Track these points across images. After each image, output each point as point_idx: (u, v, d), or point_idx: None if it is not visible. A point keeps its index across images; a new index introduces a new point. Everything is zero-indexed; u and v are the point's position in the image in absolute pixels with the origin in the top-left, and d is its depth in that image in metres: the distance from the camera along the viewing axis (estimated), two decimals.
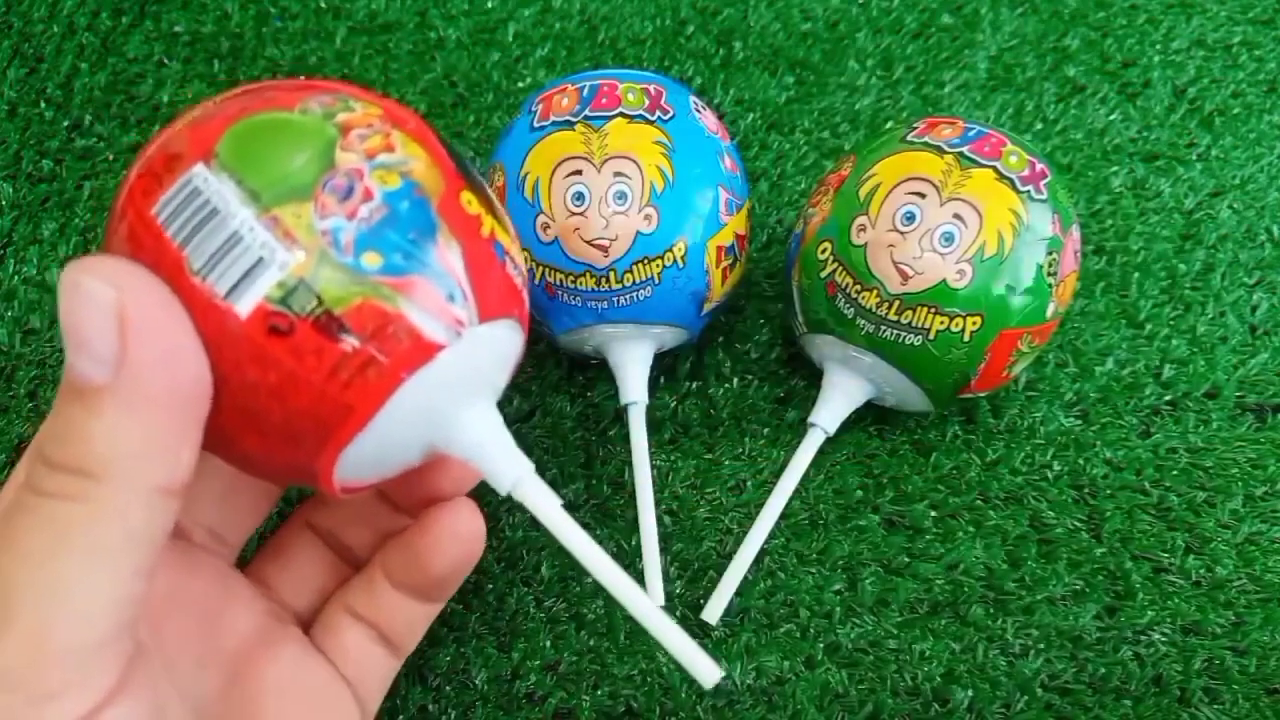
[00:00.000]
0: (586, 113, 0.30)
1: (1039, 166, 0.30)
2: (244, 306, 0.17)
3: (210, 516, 0.25)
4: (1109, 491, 0.34)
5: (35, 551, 0.16)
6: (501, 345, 0.21)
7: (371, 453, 0.19)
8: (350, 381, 0.18)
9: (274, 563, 0.26)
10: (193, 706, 0.21)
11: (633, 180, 0.30)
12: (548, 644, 0.31)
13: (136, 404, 0.16)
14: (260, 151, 0.18)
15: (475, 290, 0.19)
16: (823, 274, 0.31)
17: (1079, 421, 0.36)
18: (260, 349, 0.17)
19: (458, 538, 0.24)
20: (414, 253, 0.18)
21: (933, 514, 0.34)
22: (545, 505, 0.21)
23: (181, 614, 0.22)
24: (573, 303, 0.31)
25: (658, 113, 0.31)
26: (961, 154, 0.30)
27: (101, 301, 0.16)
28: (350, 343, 0.17)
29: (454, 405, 0.20)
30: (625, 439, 0.33)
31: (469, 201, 0.20)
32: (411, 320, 0.18)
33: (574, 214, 0.30)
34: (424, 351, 0.18)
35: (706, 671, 0.20)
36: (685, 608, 0.32)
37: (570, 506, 0.25)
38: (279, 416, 0.18)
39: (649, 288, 0.30)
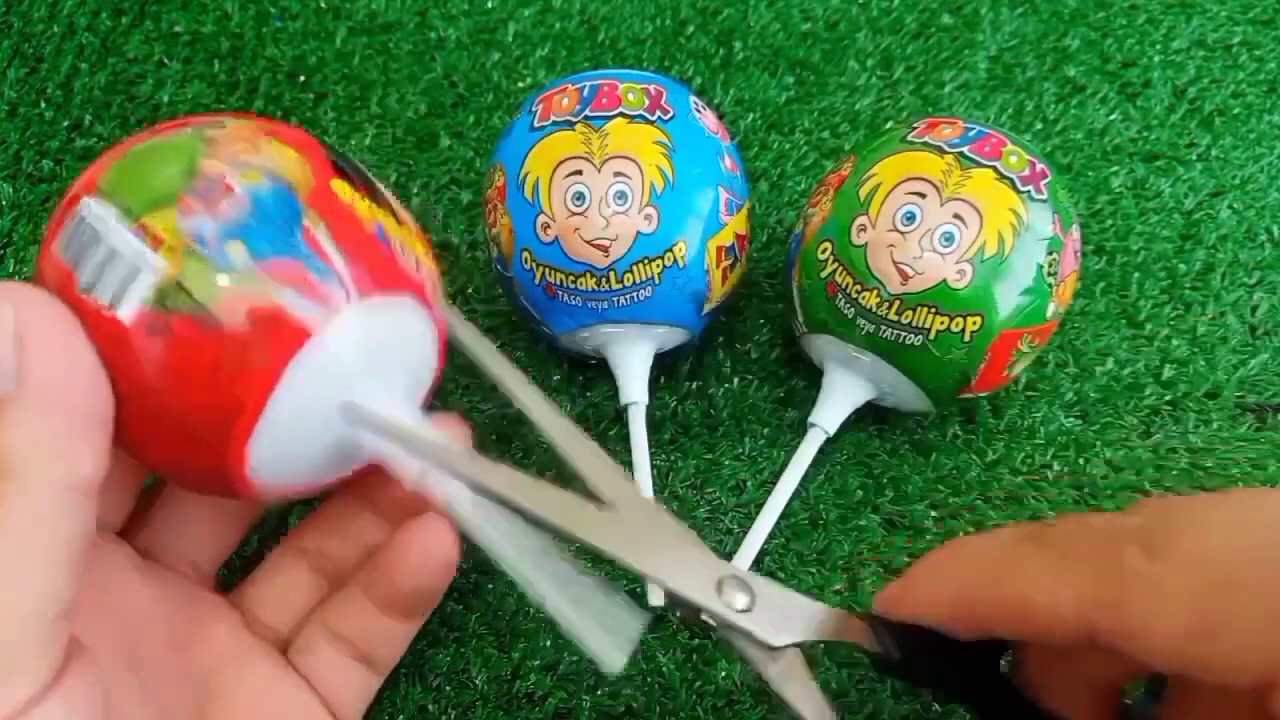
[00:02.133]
0: (587, 113, 0.30)
1: (1039, 166, 0.30)
2: (125, 313, 0.18)
3: (180, 541, 0.26)
4: (1109, 491, 0.34)
5: None
6: (395, 324, 0.20)
7: (279, 446, 0.20)
8: (235, 373, 0.18)
9: (257, 585, 0.27)
10: None
11: (633, 180, 0.30)
12: (548, 644, 0.31)
13: (37, 409, 0.18)
14: (133, 173, 0.19)
15: (349, 268, 0.19)
16: (823, 274, 0.31)
17: (1079, 421, 0.36)
18: (145, 352, 0.18)
19: (428, 555, 0.24)
20: (279, 238, 0.19)
21: (933, 514, 0.34)
22: (453, 499, 0.20)
23: (152, 634, 0.23)
24: (573, 303, 0.31)
25: (658, 113, 0.31)
26: (962, 154, 0.30)
27: (1, 320, 0.18)
28: (227, 333, 0.18)
29: (352, 387, 0.20)
30: (625, 439, 0.33)
31: (341, 189, 0.20)
32: (282, 301, 0.18)
33: (574, 214, 0.30)
34: (299, 331, 0.19)
35: (608, 656, 0.20)
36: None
37: None
38: (177, 417, 0.19)
39: (649, 288, 0.30)
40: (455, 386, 0.35)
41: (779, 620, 0.20)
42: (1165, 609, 0.16)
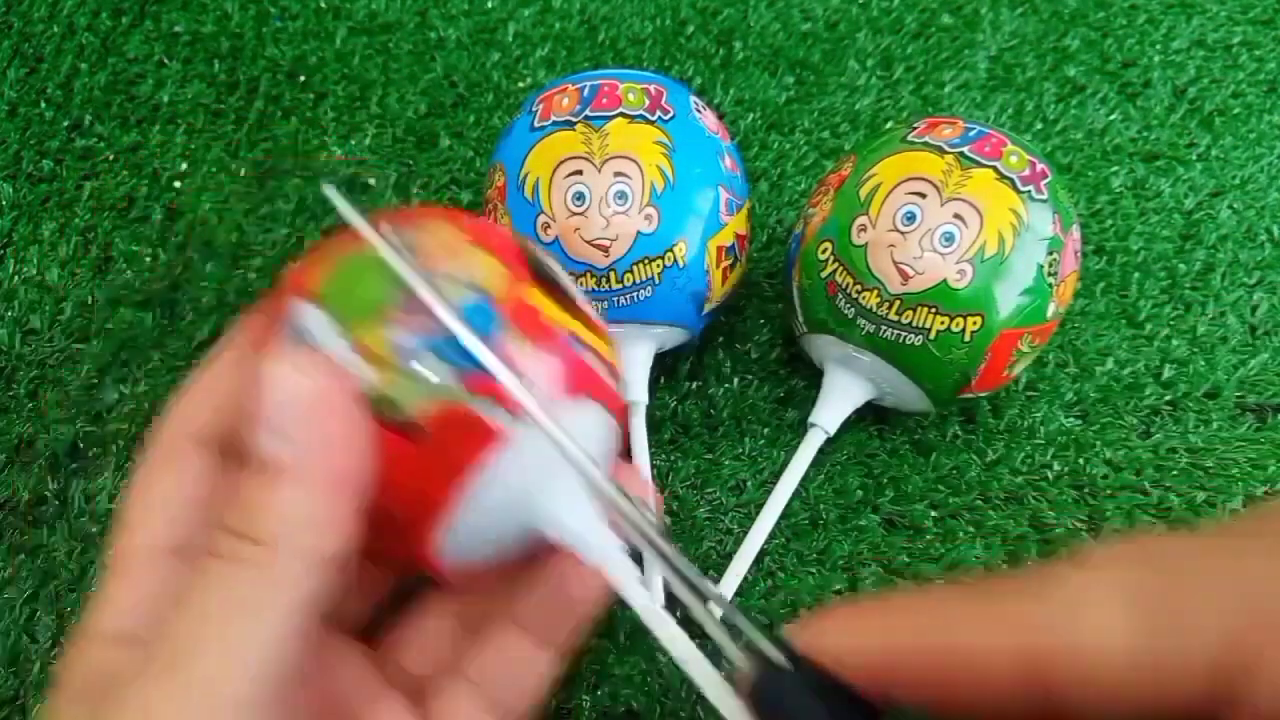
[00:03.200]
0: (587, 113, 0.30)
1: (1039, 166, 0.30)
2: None
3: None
4: (1109, 491, 0.34)
5: (206, 610, 0.18)
6: (580, 427, 0.21)
7: (467, 538, 0.21)
8: (432, 475, 0.20)
9: (404, 628, 0.27)
10: None
11: (633, 180, 0.30)
12: None
13: (313, 484, 0.18)
14: (347, 287, 0.20)
15: (540, 378, 0.21)
16: (823, 274, 0.31)
17: (1079, 421, 0.36)
18: None
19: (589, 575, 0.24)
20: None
21: (933, 514, 0.34)
22: (631, 594, 0.22)
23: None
24: None
25: (658, 113, 0.31)
26: (962, 154, 0.30)
27: (301, 393, 0.19)
28: (426, 440, 0.19)
29: (539, 487, 0.21)
30: (625, 439, 0.33)
31: (535, 297, 0.21)
32: (478, 411, 0.20)
33: (574, 214, 0.30)
34: (493, 437, 0.20)
35: None
36: (686, 608, 0.32)
37: None
38: (377, 512, 0.20)
39: (649, 288, 0.30)
40: None
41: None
42: (1110, 622, 0.15)
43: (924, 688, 0.17)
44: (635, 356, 0.32)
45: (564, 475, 0.21)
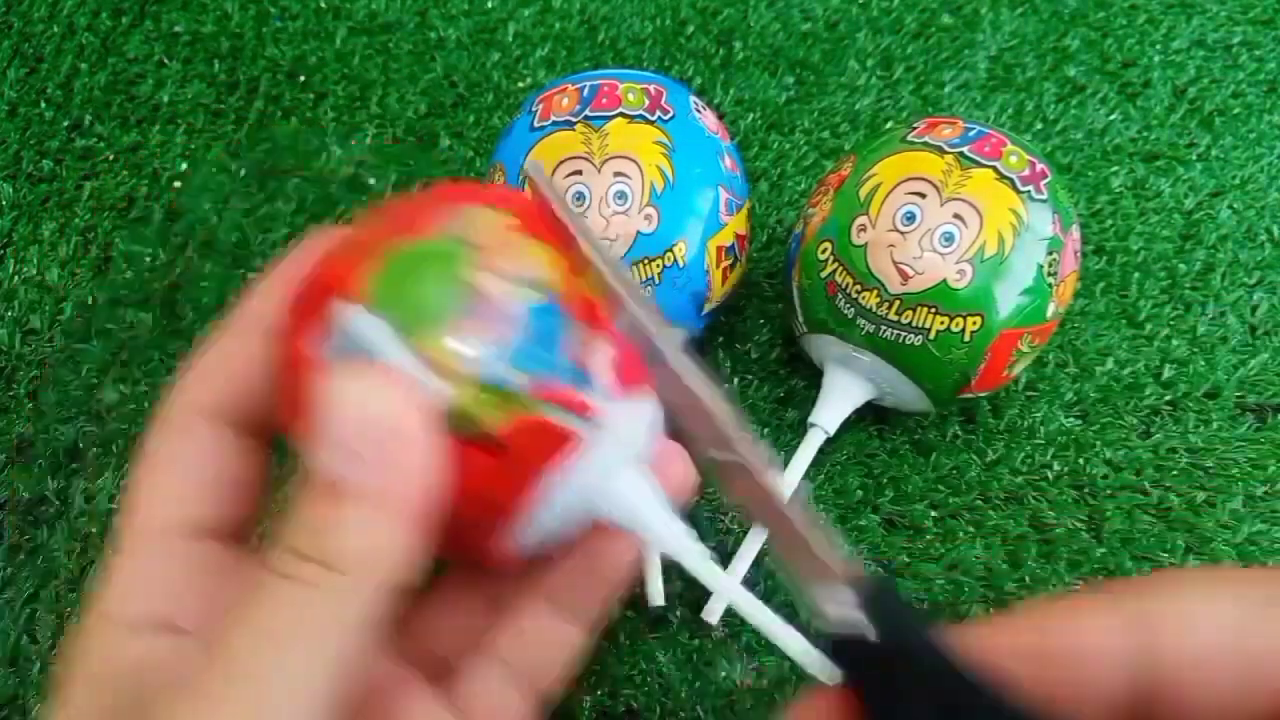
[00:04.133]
0: (587, 113, 0.30)
1: (1039, 166, 0.30)
2: None
3: None
4: (1109, 491, 0.34)
5: (269, 630, 0.17)
6: (641, 416, 0.21)
7: (537, 536, 0.21)
8: (506, 484, 0.19)
9: (425, 609, 0.26)
10: None
11: (633, 180, 0.30)
12: None
13: (386, 508, 0.18)
14: (402, 285, 0.19)
15: (606, 375, 0.20)
16: (823, 274, 0.31)
17: (1079, 421, 0.36)
18: None
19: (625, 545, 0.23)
20: (548, 358, 0.19)
21: (933, 514, 0.34)
22: (695, 565, 0.21)
23: None
24: None
25: (658, 113, 0.31)
26: (961, 154, 0.30)
27: (381, 418, 0.18)
28: (499, 451, 0.19)
29: (604, 479, 0.21)
30: None
31: (589, 288, 0.21)
32: (552, 419, 0.19)
33: None
34: (566, 442, 0.19)
35: (826, 672, 0.20)
36: (685, 608, 0.32)
37: None
38: (447, 520, 0.19)
39: (649, 288, 0.30)
40: None
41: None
42: (1221, 620, 0.16)
43: (1036, 685, 0.17)
44: None
45: (627, 465, 0.21)
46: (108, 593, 0.20)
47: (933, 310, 0.29)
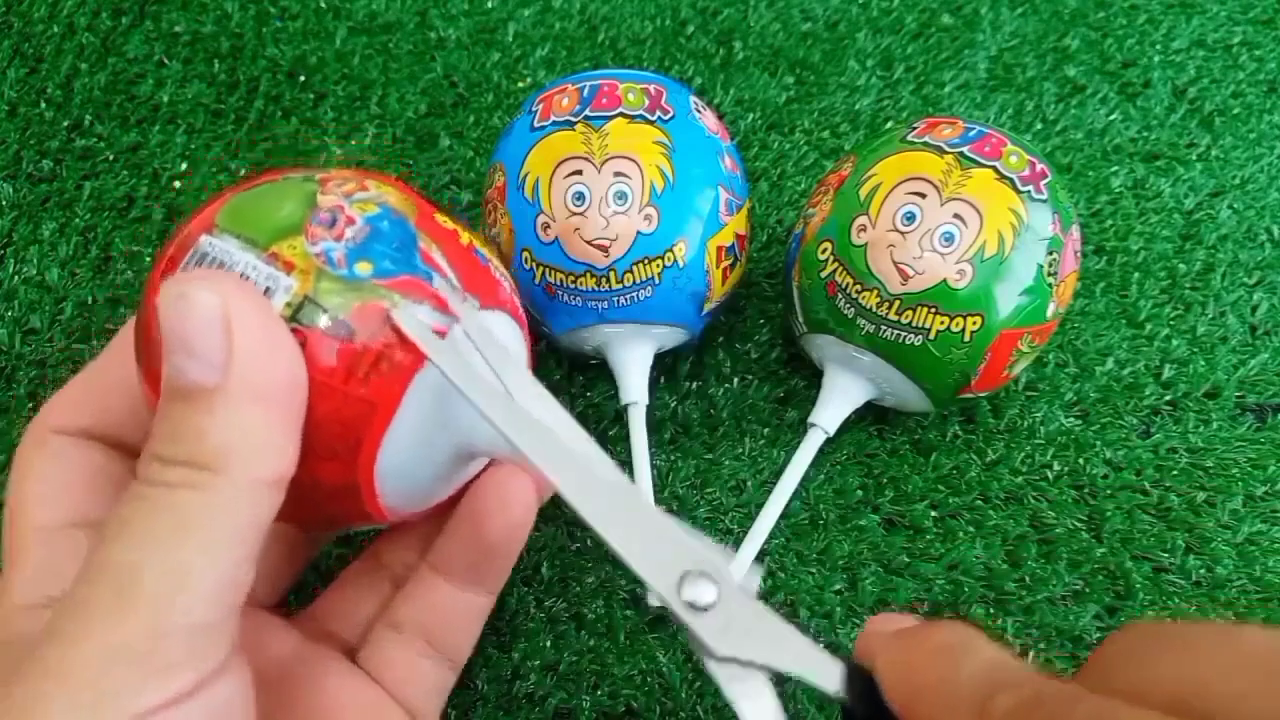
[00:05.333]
0: (587, 113, 0.30)
1: (1039, 166, 0.30)
2: None
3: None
4: (1109, 491, 0.34)
5: (157, 536, 0.17)
6: (501, 338, 0.22)
7: (404, 457, 0.21)
8: (367, 377, 0.19)
9: (329, 598, 0.27)
10: None
11: (633, 180, 0.30)
12: (548, 644, 0.31)
13: (245, 401, 0.18)
14: (251, 212, 0.20)
15: (464, 283, 0.21)
16: (823, 274, 0.31)
17: (1079, 421, 0.36)
18: None
19: (506, 504, 0.24)
20: (401, 257, 0.20)
21: (933, 514, 0.34)
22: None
23: None
24: (573, 303, 0.31)
25: (658, 113, 0.31)
26: (961, 154, 0.30)
27: (208, 310, 0.17)
28: (360, 342, 0.19)
29: (464, 391, 0.20)
30: (625, 439, 0.33)
31: (443, 219, 0.22)
32: (407, 312, 0.20)
33: (574, 214, 0.30)
34: (421, 341, 0.20)
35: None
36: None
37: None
38: (312, 429, 0.19)
39: (649, 288, 0.30)
40: None
41: (741, 636, 0.18)
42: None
43: None
44: (635, 356, 0.32)
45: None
46: (2, 593, 0.20)
47: (933, 310, 0.29)
